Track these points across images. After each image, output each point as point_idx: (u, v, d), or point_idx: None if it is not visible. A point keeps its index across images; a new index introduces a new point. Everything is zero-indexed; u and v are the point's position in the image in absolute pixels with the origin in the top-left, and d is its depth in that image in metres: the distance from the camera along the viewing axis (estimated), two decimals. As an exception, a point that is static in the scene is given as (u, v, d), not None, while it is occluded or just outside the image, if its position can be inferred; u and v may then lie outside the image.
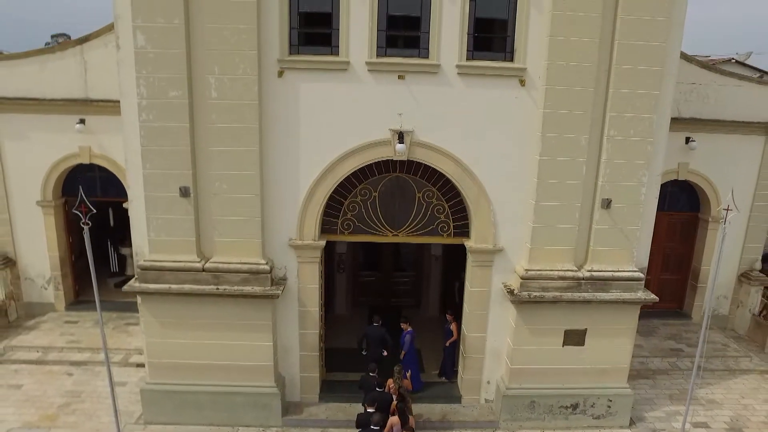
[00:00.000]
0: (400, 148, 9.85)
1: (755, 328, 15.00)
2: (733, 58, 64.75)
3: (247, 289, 10.22)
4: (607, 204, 10.30)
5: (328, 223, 10.92)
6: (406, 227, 11.09)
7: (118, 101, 10.22)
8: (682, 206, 15.41)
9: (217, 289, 10.19)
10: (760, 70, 64.99)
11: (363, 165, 10.23)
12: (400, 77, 9.82)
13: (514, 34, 9.87)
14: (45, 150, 13.97)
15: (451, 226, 11.09)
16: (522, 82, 9.94)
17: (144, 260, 10.27)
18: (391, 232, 11.09)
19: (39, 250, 14.65)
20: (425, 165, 10.42)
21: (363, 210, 10.95)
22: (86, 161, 14.08)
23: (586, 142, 9.99)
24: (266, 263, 10.35)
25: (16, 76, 13.60)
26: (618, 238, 10.51)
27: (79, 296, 15.56)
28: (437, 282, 15.23)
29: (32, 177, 14.17)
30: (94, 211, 8.04)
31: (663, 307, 15.75)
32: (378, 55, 9.77)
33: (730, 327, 15.67)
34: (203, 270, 10.23)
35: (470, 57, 9.90)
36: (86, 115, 13.71)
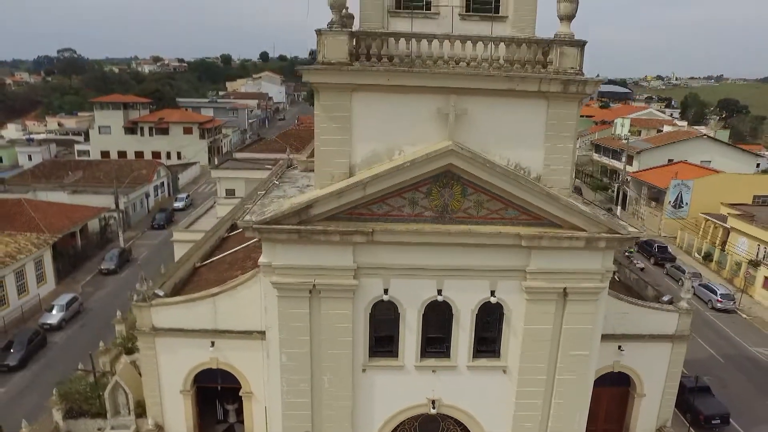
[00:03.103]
0: (433, 411, 16.77)
1: (667, 466, 22.02)
2: (704, 135, 72.42)
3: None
4: (555, 438, 17.26)
5: (386, 442, 17.81)
6: (435, 442, 18.03)
7: (239, 332, 17.84)
8: (618, 383, 22.29)
9: (324, 490, 17.09)
10: (733, 146, 72.55)
11: (411, 416, 17.16)
12: (433, 371, 16.72)
13: (500, 342, 16.74)
14: (186, 360, 20.75)
15: (462, 442, 18.03)
16: (504, 371, 16.84)
17: (279, 472, 17.14)
18: (425, 445, 18.03)
19: (178, 420, 21.48)
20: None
21: (408, 433, 17.89)
22: (214, 366, 20.88)
23: (541, 404, 16.91)
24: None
25: (170, 314, 20.36)
26: (562, 455, 17.47)
27: (202, 448, 22.45)
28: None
29: (176, 376, 20.96)
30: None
31: (605, 448, 22.78)
32: (421, 358, 16.65)
33: (652, 461, 22.69)
34: (315, 478, 17.13)
35: (475, 355, 16.78)
36: (215, 339, 20.47)
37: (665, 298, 22.47)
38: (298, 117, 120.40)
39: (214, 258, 26.32)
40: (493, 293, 15.96)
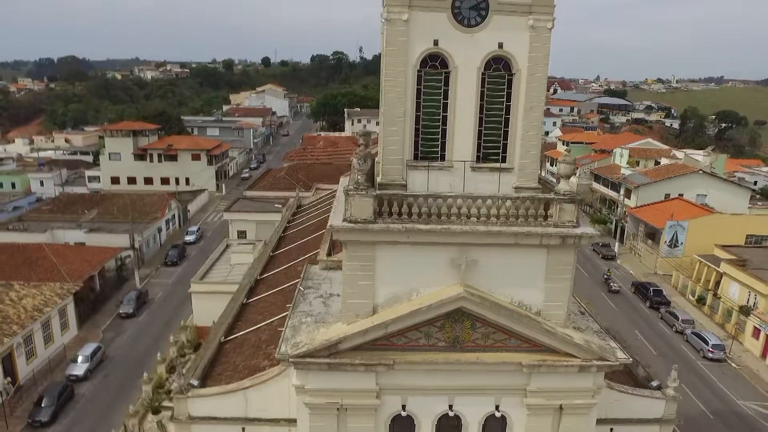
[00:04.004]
0: None
1: None
2: (700, 170, 73.68)
3: None
4: None
5: None
6: None
7: (268, 419, 20.34)
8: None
9: None
10: (727, 180, 74.39)
11: None
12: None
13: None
14: (218, 444, 22.80)
15: None
16: (508, 473, 18.88)
17: None
18: None
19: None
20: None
21: None
22: (244, 449, 22.93)
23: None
24: None
25: (205, 405, 22.39)
26: None
27: None
28: None
29: (209, 457, 23.00)
30: None
31: None
32: (433, 462, 18.69)
33: None
34: None
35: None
36: (246, 426, 22.46)
37: (654, 384, 24.47)
38: (302, 136, 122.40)
39: (239, 333, 28.31)
40: (497, 408, 17.99)
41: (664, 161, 74.19)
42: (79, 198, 66.26)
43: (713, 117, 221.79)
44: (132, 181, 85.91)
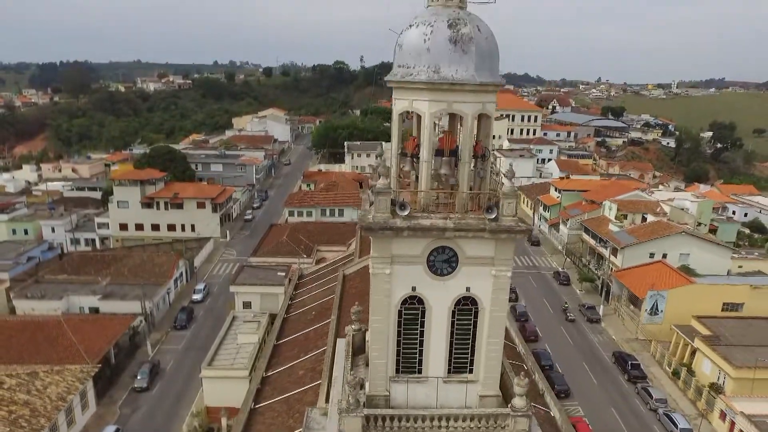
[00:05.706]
0: None
1: None
2: (683, 231, 76.20)
3: None
4: None
5: None
6: None
7: None
8: None
9: None
10: (710, 241, 77.80)
11: None
12: None
13: None
14: None
15: None
16: None
17: None
18: None
19: None
20: None
21: None
22: None
23: None
24: None
25: None
26: None
27: None
28: None
29: None
30: None
31: None
32: None
33: None
34: None
35: None
36: None
37: None
38: (303, 172, 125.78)
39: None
40: None
41: (650, 218, 77.57)
42: (92, 258, 69.81)
43: (709, 134, 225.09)
44: (140, 227, 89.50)
